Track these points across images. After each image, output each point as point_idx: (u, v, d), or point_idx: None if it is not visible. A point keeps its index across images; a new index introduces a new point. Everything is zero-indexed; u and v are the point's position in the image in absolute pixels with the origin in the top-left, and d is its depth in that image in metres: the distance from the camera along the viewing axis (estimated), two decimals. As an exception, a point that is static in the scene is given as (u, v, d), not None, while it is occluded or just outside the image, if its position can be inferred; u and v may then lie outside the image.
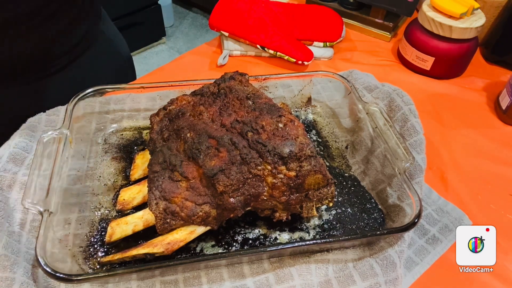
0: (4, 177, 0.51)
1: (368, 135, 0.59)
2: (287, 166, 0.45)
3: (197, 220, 0.45)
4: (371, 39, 0.91)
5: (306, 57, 0.77)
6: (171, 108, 0.52)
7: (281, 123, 0.48)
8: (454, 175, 0.61)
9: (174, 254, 0.47)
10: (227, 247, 0.49)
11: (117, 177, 0.57)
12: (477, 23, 0.72)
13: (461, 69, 0.81)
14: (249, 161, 0.44)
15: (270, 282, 0.45)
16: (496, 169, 0.63)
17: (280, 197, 0.46)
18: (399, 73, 0.81)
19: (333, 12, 0.88)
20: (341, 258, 0.48)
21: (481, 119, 0.72)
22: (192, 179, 0.45)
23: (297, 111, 0.70)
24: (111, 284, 0.45)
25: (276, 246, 0.44)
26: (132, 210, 0.52)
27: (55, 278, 0.39)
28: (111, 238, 0.48)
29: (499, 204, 0.57)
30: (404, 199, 0.50)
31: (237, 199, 0.44)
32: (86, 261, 0.47)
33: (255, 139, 0.46)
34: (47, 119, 0.60)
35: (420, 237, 0.52)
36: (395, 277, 0.45)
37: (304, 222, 0.53)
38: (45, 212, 0.43)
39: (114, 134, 0.63)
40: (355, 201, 0.56)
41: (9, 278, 0.41)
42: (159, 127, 0.51)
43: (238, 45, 0.82)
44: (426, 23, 0.75)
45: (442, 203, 0.55)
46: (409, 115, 0.61)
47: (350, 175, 0.59)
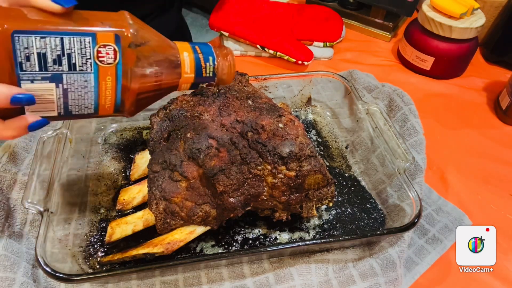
0: (4, 177, 0.51)
1: (368, 135, 0.59)
2: (287, 166, 0.45)
3: (197, 220, 0.45)
4: (371, 39, 0.91)
5: (306, 57, 0.77)
6: (171, 108, 0.52)
7: (281, 123, 0.48)
8: (454, 175, 0.61)
9: (174, 254, 0.47)
10: (227, 247, 0.49)
11: (117, 177, 0.57)
12: (477, 23, 0.72)
13: (461, 69, 0.81)
14: (249, 161, 0.44)
15: (270, 282, 0.45)
16: (496, 169, 0.63)
17: (280, 197, 0.46)
18: (399, 73, 0.81)
19: (333, 12, 0.88)
20: (341, 258, 0.48)
21: (481, 119, 0.72)
22: (192, 179, 0.45)
23: (297, 111, 0.70)
24: (111, 284, 0.45)
25: (276, 246, 0.44)
26: (132, 210, 0.52)
27: (55, 278, 0.39)
28: (111, 238, 0.48)
29: (499, 204, 0.57)
30: (404, 199, 0.50)
31: (237, 199, 0.44)
32: (86, 261, 0.47)
33: (255, 139, 0.46)
34: (47, 119, 0.60)
35: (420, 237, 0.52)
36: (395, 277, 0.45)
37: (304, 222, 0.53)
38: (45, 212, 0.43)
39: (114, 134, 0.63)
40: (355, 201, 0.56)
41: (9, 278, 0.41)
42: (159, 127, 0.51)
43: (238, 45, 0.82)
44: (426, 23, 0.75)
45: (442, 203, 0.55)
46: (409, 115, 0.61)
47: (350, 175, 0.59)
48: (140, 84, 0.34)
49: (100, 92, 0.34)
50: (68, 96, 0.33)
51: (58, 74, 0.32)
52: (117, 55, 0.33)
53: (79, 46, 0.32)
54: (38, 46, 0.30)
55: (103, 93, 0.34)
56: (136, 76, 0.34)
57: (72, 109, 0.34)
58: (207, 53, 0.38)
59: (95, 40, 0.32)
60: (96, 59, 0.32)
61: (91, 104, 0.34)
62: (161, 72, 0.35)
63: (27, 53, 0.30)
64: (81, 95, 0.33)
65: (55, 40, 0.31)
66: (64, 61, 0.31)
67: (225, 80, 0.39)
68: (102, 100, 0.34)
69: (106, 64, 0.33)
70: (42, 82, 0.32)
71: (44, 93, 0.32)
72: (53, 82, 0.32)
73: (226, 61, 0.38)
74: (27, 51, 0.30)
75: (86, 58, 0.32)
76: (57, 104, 0.33)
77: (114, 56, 0.33)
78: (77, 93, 0.33)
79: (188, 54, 0.37)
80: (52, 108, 0.33)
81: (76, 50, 0.32)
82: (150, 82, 0.35)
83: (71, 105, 0.34)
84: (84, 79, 0.33)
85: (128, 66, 0.33)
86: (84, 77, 0.33)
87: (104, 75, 0.33)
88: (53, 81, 0.32)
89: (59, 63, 0.31)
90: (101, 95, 0.34)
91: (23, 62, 0.30)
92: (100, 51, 0.32)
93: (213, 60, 0.38)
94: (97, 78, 0.33)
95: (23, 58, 0.30)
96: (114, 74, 0.33)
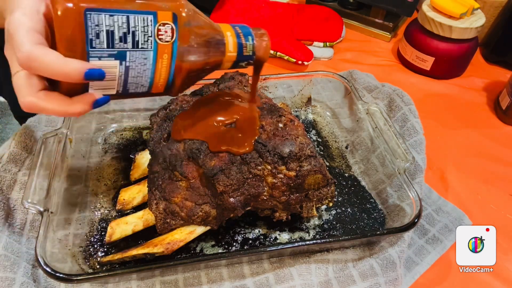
0: (4, 177, 0.51)
1: (368, 135, 0.59)
2: (287, 166, 0.45)
3: (197, 220, 0.45)
4: (371, 39, 0.91)
5: (306, 57, 0.77)
6: (171, 108, 0.52)
7: (281, 123, 0.48)
8: (454, 175, 0.61)
9: (174, 254, 0.47)
10: (227, 247, 0.49)
11: (117, 177, 0.57)
12: (477, 23, 0.72)
13: (461, 69, 0.81)
14: (249, 161, 0.44)
15: (270, 282, 0.45)
16: (496, 169, 0.63)
17: (280, 197, 0.46)
18: (399, 73, 0.81)
19: (333, 12, 0.88)
20: (341, 258, 0.48)
21: (481, 119, 0.72)
22: (192, 179, 0.45)
23: (297, 111, 0.70)
24: (111, 284, 0.45)
25: (276, 246, 0.44)
26: (132, 210, 0.52)
27: (55, 278, 0.39)
28: (111, 238, 0.48)
29: (499, 204, 0.57)
30: (404, 199, 0.50)
31: (237, 199, 0.44)
32: (86, 261, 0.47)
33: (255, 139, 0.46)
34: (47, 119, 0.60)
35: (420, 237, 0.52)
36: (395, 277, 0.45)
37: (304, 222, 0.53)
38: (45, 212, 0.43)
39: (114, 134, 0.63)
40: (355, 201, 0.56)
41: (9, 278, 0.41)
42: (159, 127, 0.51)
43: (238, 45, 0.82)
44: (426, 23, 0.75)
45: (442, 203, 0.55)
46: (409, 115, 0.61)
47: (350, 175, 0.59)
48: (191, 61, 0.36)
49: (156, 69, 0.35)
50: (129, 73, 0.34)
51: (123, 51, 0.33)
52: (174, 33, 0.34)
53: (143, 24, 0.33)
54: (107, 23, 0.32)
55: (159, 71, 0.35)
56: (189, 53, 0.36)
57: (130, 86, 0.35)
58: (247, 33, 0.40)
59: (156, 19, 0.33)
60: (156, 36, 0.34)
61: (147, 82, 0.36)
62: (209, 50, 0.37)
63: (97, 31, 0.31)
64: (140, 72, 0.35)
65: (122, 18, 0.32)
66: (129, 38, 0.33)
67: (262, 57, 0.41)
68: (157, 78, 0.36)
69: (164, 42, 0.34)
70: (109, 59, 0.33)
71: (109, 70, 0.33)
72: (118, 60, 0.33)
73: (263, 41, 0.40)
74: (97, 29, 0.31)
75: (148, 36, 0.34)
76: (118, 82, 0.35)
77: (172, 34, 0.34)
78: (137, 70, 0.34)
79: (231, 34, 0.39)
80: (113, 86, 0.35)
81: (140, 28, 0.33)
82: (200, 59, 0.37)
83: (130, 82, 0.35)
84: (144, 56, 0.34)
85: (183, 44, 0.35)
86: (144, 54, 0.34)
87: (162, 53, 0.35)
88: (118, 58, 0.33)
89: (124, 41, 0.33)
90: (157, 73, 0.36)
91: (93, 39, 0.32)
92: (159, 29, 0.34)
93: (252, 39, 0.40)
94: (156, 55, 0.34)
95: (93, 35, 0.31)
96: (170, 52, 0.35)
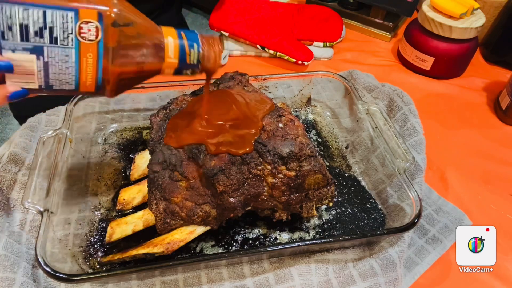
0: (4, 177, 0.51)
1: (368, 135, 0.59)
2: (287, 166, 0.45)
3: (197, 220, 0.45)
4: (371, 39, 0.91)
5: (306, 57, 0.77)
6: (171, 108, 0.52)
7: (281, 123, 0.48)
8: (454, 175, 0.61)
9: (174, 254, 0.47)
10: (227, 247, 0.49)
11: (117, 177, 0.57)
12: (477, 23, 0.72)
13: (461, 69, 0.81)
14: (249, 161, 0.44)
15: (270, 282, 0.45)
16: (496, 169, 0.63)
17: (280, 197, 0.46)
18: (399, 73, 0.81)
19: (333, 12, 0.88)
20: (341, 258, 0.48)
21: (481, 119, 0.72)
22: (192, 179, 0.45)
23: (297, 111, 0.70)
24: (111, 284, 0.45)
25: (276, 246, 0.44)
26: (132, 210, 0.52)
27: (55, 278, 0.39)
28: (111, 238, 0.48)
29: (499, 204, 0.57)
30: (404, 199, 0.50)
31: (237, 199, 0.44)
32: (86, 261, 0.47)
33: (255, 139, 0.46)
34: (47, 119, 0.60)
35: (420, 237, 0.52)
36: (395, 277, 0.45)
37: (304, 222, 0.52)
38: (45, 212, 0.43)
39: (114, 134, 0.63)
40: (355, 201, 0.56)
41: (9, 278, 0.41)
42: (159, 127, 0.51)
43: (238, 45, 0.82)
44: (426, 23, 0.75)
45: (442, 203, 0.55)
46: (409, 115, 0.61)
47: (350, 175, 0.59)
48: (121, 64, 0.35)
49: (81, 68, 0.34)
50: (49, 69, 0.34)
51: (39, 46, 0.32)
52: (99, 33, 0.33)
53: (62, 20, 0.32)
54: (21, 16, 0.31)
55: (84, 70, 0.34)
56: (118, 55, 0.34)
57: (53, 83, 0.34)
58: (192, 39, 0.38)
59: (77, 16, 0.32)
60: (77, 35, 0.33)
61: (72, 80, 0.35)
62: (144, 54, 0.35)
63: (9, 23, 0.31)
64: (62, 69, 0.34)
65: (38, 13, 0.31)
66: (45, 33, 0.32)
67: (210, 69, 0.39)
68: (83, 77, 0.35)
69: (87, 40, 0.33)
70: (23, 53, 0.32)
71: (24, 64, 0.33)
72: (34, 54, 0.33)
73: (211, 50, 0.38)
74: (10, 21, 0.31)
75: (68, 33, 0.33)
76: (38, 77, 0.34)
77: (96, 34, 0.33)
78: (58, 67, 0.34)
79: (173, 39, 0.37)
80: (33, 80, 0.34)
81: (58, 24, 0.32)
82: (132, 63, 0.35)
83: (52, 78, 0.34)
84: (65, 53, 0.33)
85: (110, 45, 0.34)
86: (65, 51, 0.33)
87: (85, 52, 0.34)
88: (34, 52, 0.33)
89: (41, 36, 0.32)
90: (82, 72, 0.34)
91: (5, 31, 0.31)
92: (82, 27, 0.33)
93: (198, 47, 0.38)
94: (78, 54, 0.33)
95: (5, 28, 0.31)
96: (96, 52, 0.34)
